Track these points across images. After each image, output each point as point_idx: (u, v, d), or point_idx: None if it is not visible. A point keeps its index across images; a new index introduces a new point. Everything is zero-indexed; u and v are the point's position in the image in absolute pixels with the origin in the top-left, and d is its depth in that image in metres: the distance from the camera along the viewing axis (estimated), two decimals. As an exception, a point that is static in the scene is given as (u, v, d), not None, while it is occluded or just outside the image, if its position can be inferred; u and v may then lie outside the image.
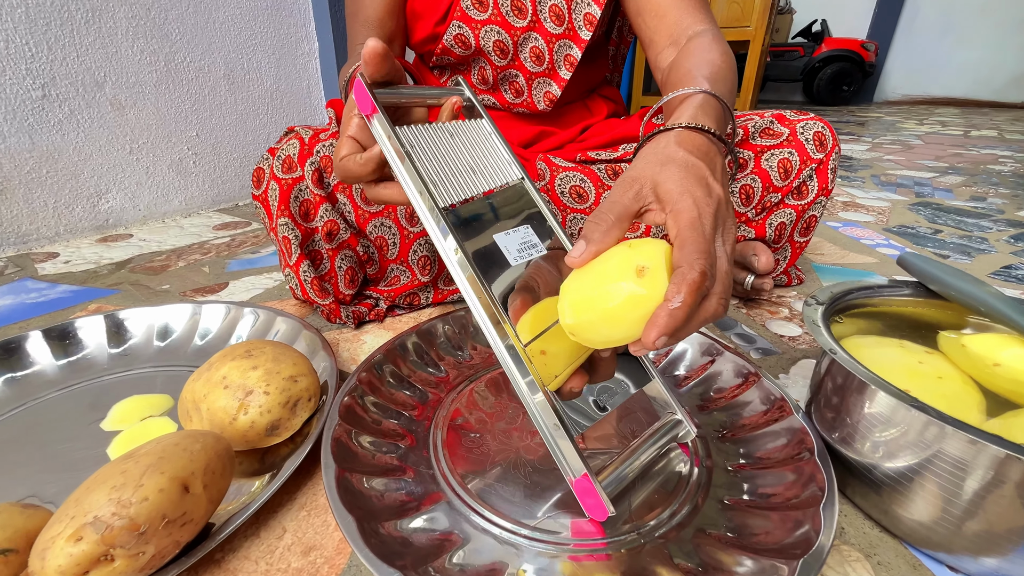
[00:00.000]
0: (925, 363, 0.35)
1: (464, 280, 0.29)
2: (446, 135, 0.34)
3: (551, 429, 0.28)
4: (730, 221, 0.29)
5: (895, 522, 0.31)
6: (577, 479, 0.28)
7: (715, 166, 0.31)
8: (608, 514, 0.28)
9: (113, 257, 0.81)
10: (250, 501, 0.31)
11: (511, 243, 0.32)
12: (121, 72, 0.88)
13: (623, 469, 0.31)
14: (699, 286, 0.24)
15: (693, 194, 0.27)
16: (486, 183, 0.34)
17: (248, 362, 0.37)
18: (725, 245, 0.28)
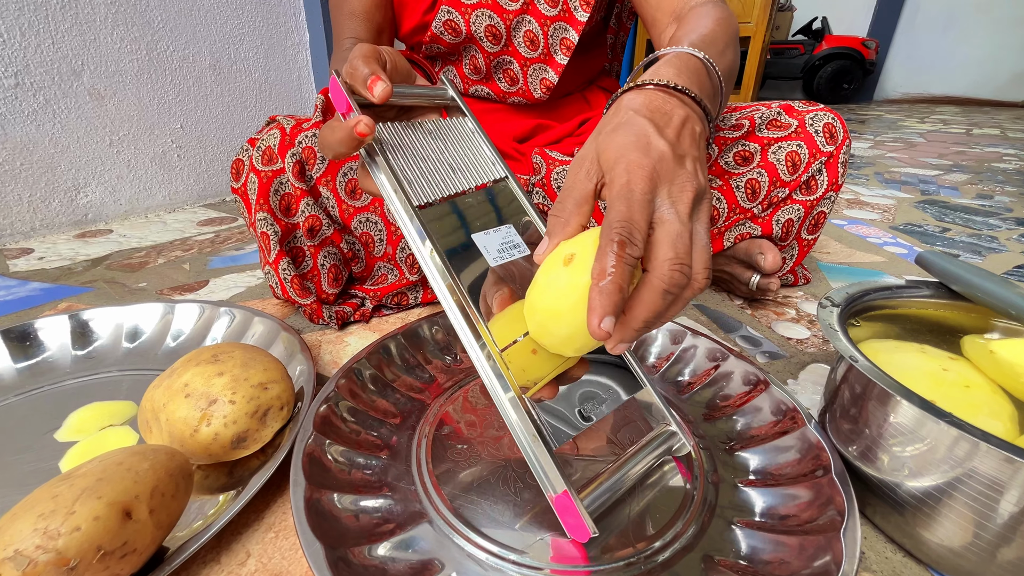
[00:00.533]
0: (950, 370, 0.32)
1: (439, 281, 0.28)
2: (425, 133, 0.32)
3: (529, 441, 0.26)
4: (682, 177, 0.25)
5: (920, 547, 0.29)
6: (557, 496, 0.26)
7: (668, 121, 0.28)
8: (590, 535, 0.26)
9: (90, 253, 0.77)
10: (211, 523, 0.28)
11: (491, 243, 0.31)
12: (100, 60, 0.84)
13: (609, 486, 0.29)
14: (620, 256, 0.22)
15: (627, 159, 0.25)
16: (467, 182, 0.32)
17: (213, 368, 0.34)
18: (676, 205, 0.24)
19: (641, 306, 0.23)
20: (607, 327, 0.21)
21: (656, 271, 0.23)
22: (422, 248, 0.28)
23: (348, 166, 0.52)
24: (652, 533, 0.29)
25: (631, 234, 0.22)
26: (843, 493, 0.29)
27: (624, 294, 0.22)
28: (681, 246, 0.23)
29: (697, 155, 0.27)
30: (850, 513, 0.27)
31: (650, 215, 0.24)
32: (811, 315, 0.56)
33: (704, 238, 0.25)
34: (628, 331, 0.24)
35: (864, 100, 3.52)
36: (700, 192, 0.26)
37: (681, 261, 0.23)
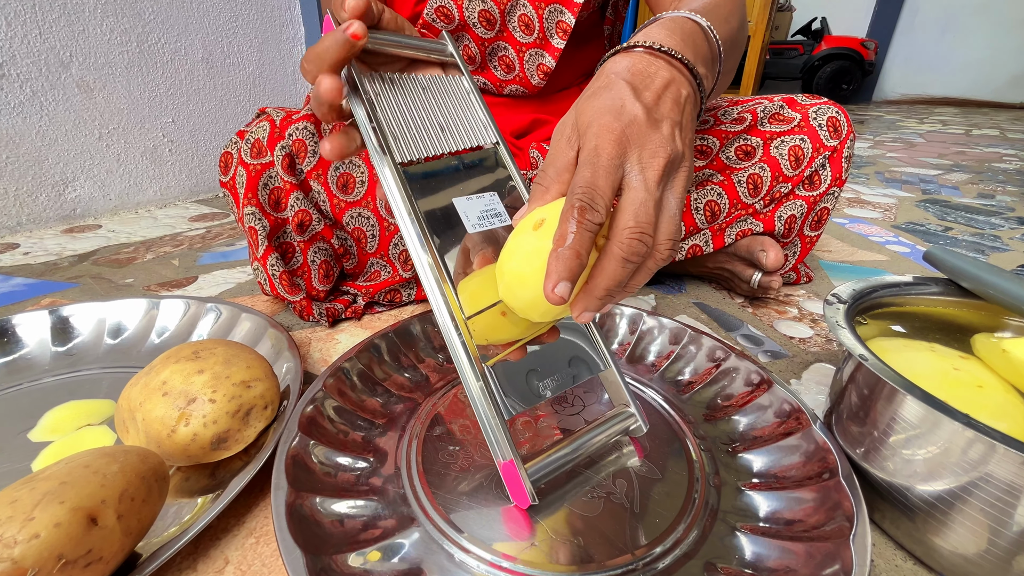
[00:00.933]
0: (961, 370, 0.31)
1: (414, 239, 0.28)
2: (418, 87, 0.31)
3: (484, 408, 0.27)
4: (654, 142, 0.24)
5: (932, 554, 0.27)
6: (503, 463, 0.27)
7: (648, 83, 0.26)
8: (530, 503, 0.27)
9: (77, 249, 0.76)
10: (187, 528, 0.27)
11: (471, 209, 0.30)
12: (89, 52, 0.83)
13: (555, 459, 0.30)
14: (580, 223, 0.22)
15: (598, 123, 0.24)
16: (454, 143, 0.31)
17: (194, 365, 0.32)
18: (644, 172, 0.23)
19: (602, 274, 0.23)
20: (561, 292, 0.21)
21: (615, 239, 0.23)
22: (400, 204, 0.28)
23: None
24: (651, 539, 0.28)
25: (592, 200, 0.22)
26: (851, 497, 0.27)
27: (582, 260, 0.22)
28: (643, 214, 0.23)
29: (678, 120, 0.26)
30: (859, 518, 0.26)
31: (616, 181, 0.23)
32: (814, 314, 0.55)
33: (673, 207, 0.24)
34: (591, 300, 0.23)
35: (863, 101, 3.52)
36: (674, 158, 0.24)
37: (642, 230, 0.22)
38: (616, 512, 0.29)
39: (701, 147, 0.53)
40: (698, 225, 0.53)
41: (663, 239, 0.24)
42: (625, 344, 0.46)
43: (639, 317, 0.46)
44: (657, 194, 0.24)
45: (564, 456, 0.30)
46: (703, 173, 0.53)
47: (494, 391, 0.27)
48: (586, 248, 0.22)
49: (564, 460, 0.30)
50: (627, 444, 0.34)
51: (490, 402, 0.27)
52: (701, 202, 0.53)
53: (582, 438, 0.31)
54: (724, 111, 0.54)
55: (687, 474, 0.32)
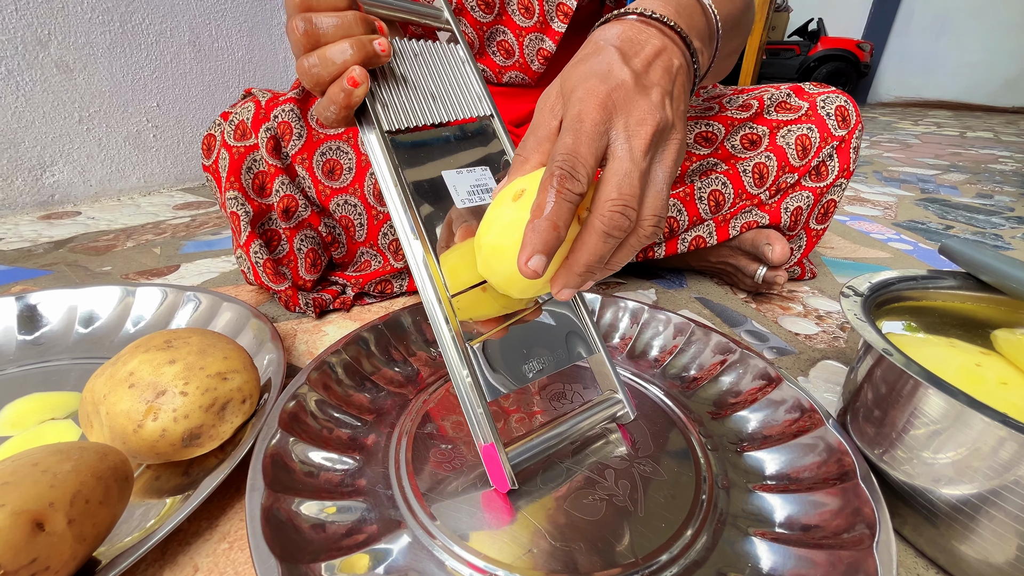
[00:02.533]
0: (984, 366, 0.29)
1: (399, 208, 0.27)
2: (409, 53, 0.29)
3: (466, 390, 0.26)
4: (642, 108, 0.22)
5: (957, 562, 0.26)
6: (484, 446, 0.27)
7: (638, 50, 0.25)
8: (509, 487, 0.27)
9: (53, 235, 0.72)
10: (152, 531, 0.24)
11: (461, 183, 0.28)
12: (68, 30, 0.79)
13: (537, 443, 0.29)
14: (559, 192, 0.20)
15: (583, 87, 0.23)
16: (446, 113, 0.29)
17: (164, 355, 0.30)
18: (631, 140, 0.22)
19: (582, 249, 0.21)
20: (535, 266, 0.20)
21: (596, 211, 0.21)
22: (386, 174, 0.27)
23: (327, 145, 0.49)
24: (657, 545, 0.26)
25: (574, 168, 0.20)
26: (872, 501, 0.26)
27: (559, 232, 0.20)
28: (627, 186, 0.21)
29: (668, 88, 0.24)
30: (882, 525, 0.24)
31: (600, 149, 0.22)
32: (819, 310, 0.54)
33: (660, 180, 0.23)
34: (571, 275, 0.22)
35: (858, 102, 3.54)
36: (662, 127, 0.23)
37: (625, 203, 0.21)
38: (618, 516, 0.27)
39: (706, 133, 0.51)
40: (702, 215, 0.52)
41: (648, 214, 0.22)
42: (627, 338, 0.44)
43: (640, 311, 0.44)
44: (643, 164, 0.22)
45: (546, 441, 0.29)
46: (708, 162, 0.52)
47: (476, 372, 0.26)
48: (564, 219, 0.20)
49: (546, 445, 0.29)
50: (614, 431, 0.33)
51: (472, 383, 0.26)
52: (705, 191, 0.51)
53: (566, 424, 0.30)
54: (729, 99, 0.52)
55: (694, 475, 0.30)
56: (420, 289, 0.27)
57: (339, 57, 0.25)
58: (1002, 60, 3.09)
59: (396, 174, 0.27)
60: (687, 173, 0.51)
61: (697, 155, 0.51)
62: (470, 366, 0.26)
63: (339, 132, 0.49)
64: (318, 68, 0.25)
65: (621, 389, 0.32)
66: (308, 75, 0.26)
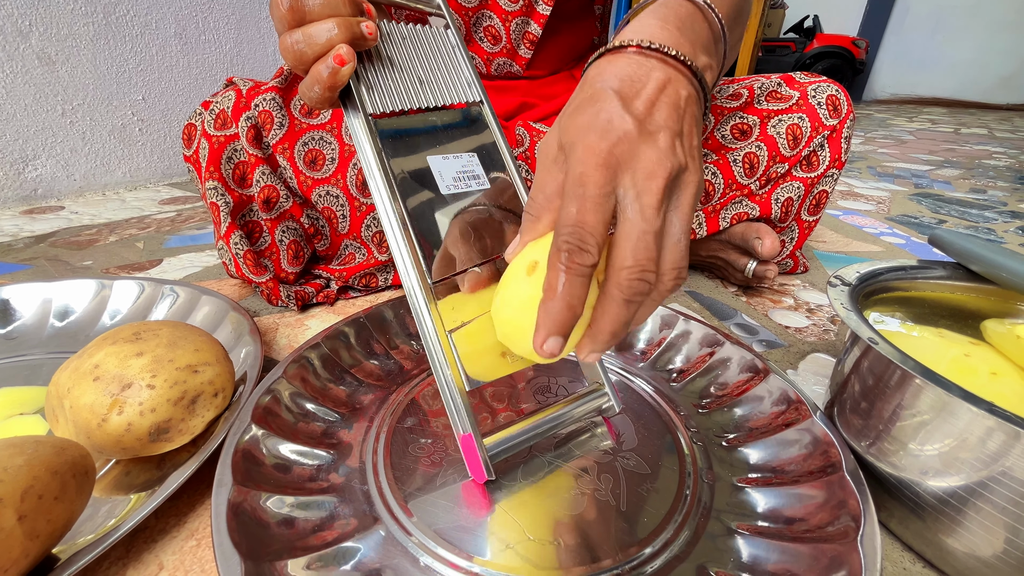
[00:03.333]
0: (973, 356, 0.29)
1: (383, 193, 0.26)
2: (397, 36, 0.28)
3: (447, 379, 0.26)
4: (650, 160, 0.21)
5: (944, 556, 0.25)
6: (462, 436, 0.26)
7: (639, 90, 0.23)
8: (486, 478, 0.27)
9: (35, 230, 0.71)
10: (112, 529, 0.23)
11: (447, 169, 0.28)
12: (51, 21, 0.78)
13: (516, 434, 0.28)
14: (569, 269, 0.20)
15: (582, 145, 0.21)
16: (434, 98, 0.29)
17: (132, 347, 0.29)
18: (641, 197, 0.20)
19: (604, 317, 0.21)
20: (552, 348, 0.20)
21: (612, 279, 0.20)
22: (370, 158, 0.26)
23: (309, 135, 0.48)
24: (639, 540, 0.25)
25: (582, 240, 0.20)
26: (857, 494, 0.25)
27: (574, 311, 0.20)
28: (642, 250, 0.20)
29: (677, 128, 0.22)
30: (867, 518, 0.24)
31: (608, 212, 0.20)
32: (809, 303, 0.53)
33: (677, 231, 0.21)
34: (596, 343, 0.22)
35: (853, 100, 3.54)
36: (674, 173, 0.21)
37: (642, 267, 0.20)
38: (601, 510, 0.27)
39: None
40: None
41: (667, 269, 0.21)
42: (613, 331, 0.43)
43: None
44: (658, 223, 0.20)
45: (527, 431, 0.29)
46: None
47: (456, 360, 0.26)
48: (578, 296, 0.20)
49: (528, 436, 0.28)
50: (600, 425, 0.32)
51: (451, 372, 0.26)
52: None
53: (549, 415, 0.30)
54: (720, 88, 0.51)
55: (678, 469, 0.30)
56: (402, 276, 0.26)
57: (324, 35, 0.24)
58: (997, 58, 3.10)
59: (380, 159, 0.26)
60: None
61: None
62: (450, 355, 0.26)
63: (323, 122, 0.48)
64: (302, 45, 0.25)
65: (607, 382, 0.32)
66: (291, 52, 0.25)
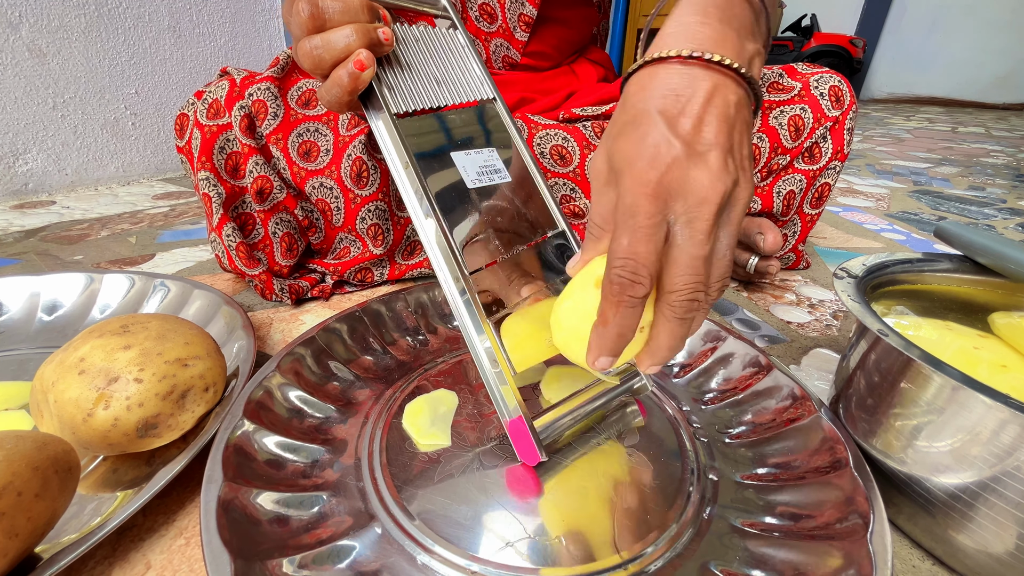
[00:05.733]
0: (982, 348, 0.28)
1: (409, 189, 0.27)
2: (411, 38, 0.29)
3: (489, 366, 0.26)
4: (702, 185, 0.20)
5: (955, 553, 0.24)
6: (511, 420, 0.26)
7: (684, 106, 0.21)
8: (539, 459, 0.26)
9: (25, 224, 0.70)
10: (98, 526, 0.23)
11: (470, 164, 0.29)
12: (41, 13, 0.76)
13: (563, 416, 0.29)
14: (621, 302, 0.20)
15: (631, 175, 0.21)
16: (451, 97, 0.30)
17: (119, 340, 0.28)
18: (692, 224, 0.20)
19: (660, 336, 0.22)
20: (603, 365, 0.22)
21: (666, 302, 0.21)
22: (395, 156, 0.27)
23: (304, 126, 0.47)
24: (642, 538, 0.24)
25: (634, 273, 0.20)
26: (866, 491, 0.24)
27: (625, 338, 0.21)
28: (692, 275, 0.20)
29: (728, 144, 0.21)
30: (876, 515, 0.23)
31: (660, 240, 0.20)
32: (811, 298, 0.53)
33: (724, 247, 0.22)
34: (656, 358, 0.23)
35: (850, 99, 3.54)
36: (727, 194, 0.21)
37: (693, 290, 0.20)
38: (602, 507, 0.26)
39: None
40: None
41: (714, 280, 0.22)
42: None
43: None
44: (708, 248, 0.20)
45: (569, 413, 0.29)
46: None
47: (501, 347, 0.26)
48: (629, 326, 0.21)
49: (569, 417, 0.29)
50: (631, 404, 0.32)
51: (495, 359, 0.26)
52: None
53: (588, 396, 0.30)
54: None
55: (680, 465, 0.29)
56: (435, 267, 0.27)
57: (343, 41, 0.25)
58: (993, 57, 3.10)
59: (408, 155, 0.27)
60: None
61: None
62: (493, 340, 0.26)
63: (319, 113, 0.47)
64: (321, 51, 0.25)
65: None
66: (310, 57, 0.25)
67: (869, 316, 0.26)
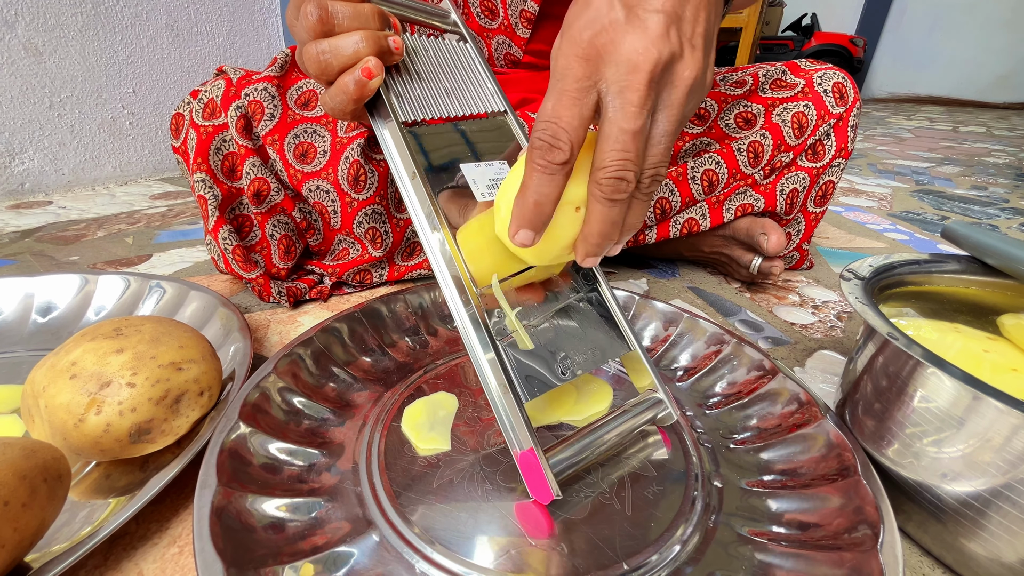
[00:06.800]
0: (992, 352, 0.28)
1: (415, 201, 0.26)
2: (421, 49, 0.29)
3: (499, 392, 0.24)
4: (633, 48, 0.19)
5: (966, 561, 0.24)
6: (522, 452, 0.24)
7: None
8: (552, 497, 0.24)
9: (21, 225, 0.69)
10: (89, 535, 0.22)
11: (480, 177, 0.28)
12: (37, 11, 0.76)
13: (579, 448, 0.26)
14: (541, 166, 0.19)
15: (567, 37, 0.20)
16: (460, 108, 0.29)
17: (112, 343, 0.27)
18: (623, 93, 0.19)
19: (591, 218, 0.21)
20: (523, 240, 0.21)
21: (593, 179, 0.20)
22: (400, 167, 0.26)
23: (302, 127, 0.46)
24: (646, 545, 0.24)
25: (555, 136, 0.19)
26: (875, 499, 0.24)
27: (542, 208, 0.20)
28: (619, 151, 0.19)
29: (675, 11, 0.20)
30: (886, 524, 0.23)
31: (587, 108, 0.20)
32: (815, 299, 0.52)
33: (661, 131, 0.20)
34: (589, 245, 0.22)
35: (851, 98, 3.53)
36: (663, 64, 0.19)
37: (619, 168, 0.19)
38: (605, 514, 0.25)
39: (698, 110, 0.49)
40: (695, 196, 0.50)
41: (649, 167, 0.20)
42: (616, 328, 0.42)
43: (631, 301, 0.43)
44: (638, 122, 0.19)
45: (586, 445, 0.27)
46: (701, 142, 0.50)
47: (511, 371, 0.25)
48: (548, 193, 0.20)
49: (587, 450, 0.27)
50: (653, 434, 0.31)
51: (505, 384, 0.24)
52: (699, 171, 0.49)
53: (606, 427, 0.28)
54: (723, 76, 0.50)
55: (684, 471, 0.28)
56: (442, 286, 0.25)
57: (351, 47, 0.24)
58: (994, 56, 3.10)
59: (415, 166, 0.26)
60: (679, 153, 0.49)
61: (690, 134, 0.49)
62: (504, 369, 0.24)
63: (318, 115, 0.47)
64: (328, 56, 0.24)
65: (661, 388, 0.30)
66: (316, 62, 0.25)
67: (878, 319, 0.26)
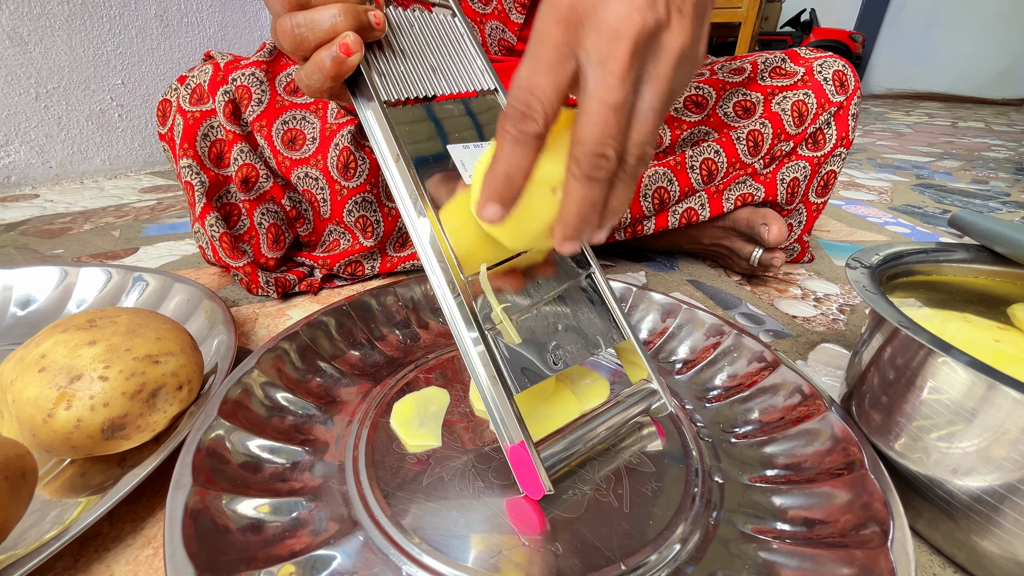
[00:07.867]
0: (1003, 341, 0.26)
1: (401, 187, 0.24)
2: (405, 23, 0.27)
3: (488, 384, 0.23)
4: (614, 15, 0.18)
5: (978, 559, 0.23)
6: (512, 446, 0.23)
7: None
8: (544, 492, 0.23)
9: (5, 218, 0.68)
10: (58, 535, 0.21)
11: (469, 158, 0.26)
12: (21, 0, 0.74)
13: (571, 441, 0.25)
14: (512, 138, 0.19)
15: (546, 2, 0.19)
16: (447, 86, 0.28)
17: (84, 335, 0.26)
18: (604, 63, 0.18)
19: (568, 198, 0.20)
20: (492, 215, 0.20)
21: (571, 156, 0.19)
22: (384, 149, 0.25)
23: (291, 113, 0.45)
24: (645, 544, 0.23)
25: (528, 105, 0.18)
26: (884, 495, 0.23)
27: (512, 181, 0.19)
28: (599, 127, 0.18)
29: None
30: (896, 521, 0.21)
31: (564, 76, 0.18)
32: (816, 292, 0.51)
33: (646, 107, 0.19)
34: (567, 227, 0.21)
35: (849, 94, 3.52)
36: (647, 33, 0.18)
37: (598, 143, 0.18)
38: (602, 512, 0.24)
39: (696, 97, 0.48)
40: (694, 186, 0.48)
41: (633, 144, 0.19)
42: (613, 321, 0.41)
43: (628, 292, 0.41)
44: (621, 94, 0.18)
45: (578, 438, 0.26)
46: (699, 130, 0.49)
47: (500, 362, 0.24)
48: (518, 165, 0.19)
49: (580, 443, 0.26)
50: (648, 425, 0.30)
51: (495, 375, 0.23)
52: (697, 160, 0.48)
53: (599, 419, 0.27)
54: (721, 65, 0.49)
55: (684, 466, 0.27)
56: (429, 274, 0.24)
57: (328, 21, 0.23)
58: (992, 52, 3.09)
59: (400, 148, 0.24)
60: (678, 142, 0.48)
61: (688, 122, 0.48)
62: (492, 358, 0.23)
63: (308, 101, 0.45)
64: (303, 30, 0.23)
65: (655, 377, 0.29)
66: (290, 36, 0.23)
67: (887, 307, 0.25)
